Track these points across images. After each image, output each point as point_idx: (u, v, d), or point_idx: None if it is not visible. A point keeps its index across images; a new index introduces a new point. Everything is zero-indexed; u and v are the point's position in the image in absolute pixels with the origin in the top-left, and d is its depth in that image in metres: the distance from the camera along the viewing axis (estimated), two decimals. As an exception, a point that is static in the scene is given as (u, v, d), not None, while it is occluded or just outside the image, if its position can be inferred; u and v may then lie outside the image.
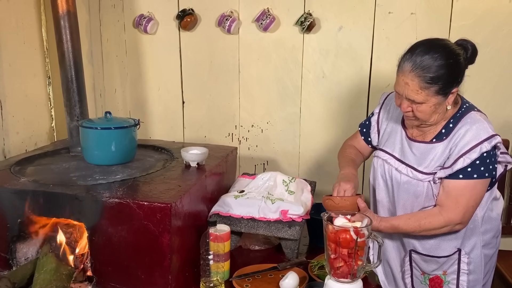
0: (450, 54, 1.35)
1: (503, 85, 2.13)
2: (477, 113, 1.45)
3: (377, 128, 1.67)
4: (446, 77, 1.34)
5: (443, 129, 1.45)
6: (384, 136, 1.63)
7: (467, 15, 2.09)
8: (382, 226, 1.45)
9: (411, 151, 1.50)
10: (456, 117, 1.44)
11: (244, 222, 1.78)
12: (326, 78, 2.31)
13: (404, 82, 1.36)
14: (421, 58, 1.33)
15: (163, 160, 2.00)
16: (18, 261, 1.70)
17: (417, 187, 1.46)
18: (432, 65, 1.32)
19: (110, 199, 1.53)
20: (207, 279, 1.55)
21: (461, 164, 1.37)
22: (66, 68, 2.03)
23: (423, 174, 1.45)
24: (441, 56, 1.33)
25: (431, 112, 1.39)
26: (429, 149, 1.46)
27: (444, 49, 1.35)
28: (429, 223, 1.41)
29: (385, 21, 2.18)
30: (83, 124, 1.87)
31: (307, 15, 2.22)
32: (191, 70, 2.49)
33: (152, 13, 2.44)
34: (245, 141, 2.51)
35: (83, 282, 1.65)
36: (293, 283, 1.55)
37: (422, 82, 1.33)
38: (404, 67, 1.36)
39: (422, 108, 1.37)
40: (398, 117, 1.60)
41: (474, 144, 1.36)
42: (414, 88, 1.34)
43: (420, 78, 1.33)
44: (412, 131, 1.54)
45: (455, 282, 1.50)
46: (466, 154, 1.37)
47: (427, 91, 1.34)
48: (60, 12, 1.99)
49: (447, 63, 1.33)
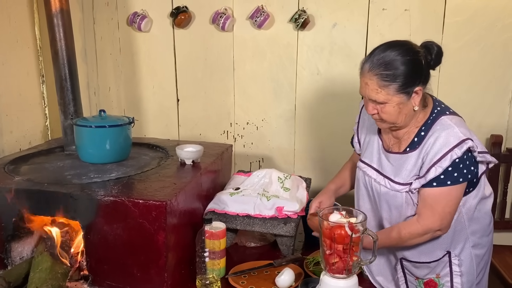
0: (407, 51, 1.33)
1: (497, 81, 2.14)
2: (448, 117, 1.41)
3: (357, 138, 1.67)
4: (405, 74, 1.32)
5: (416, 138, 1.43)
6: (363, 146, 1.62)
7: (460, 11, 2.10)
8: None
9: (388, 161, 1.49)
10: (427, 124, 1.42)
11: (239, 219, 1.78)
12: (320, 75, 2.31)
13: (364, 83, 1.36)
14: (378, 56, 1.33)
15: (158, 158, 2.00)
16: (13, 260, 1.70)
17: (396, 198, 1.45)
18: (389, 62, 1.31)
19: (105, 197, 1.52)
20: (203, 276, 1.55)
21: (433, 173, 1.35)
22: (60, 66, 2.02)
23: (400, 185, 1.43)
24: (398, 54, 1.32)
25: (396, 113, 1.36)
26: (404, 160, 1.44)
27: (401, 47, 1.34)
28: (409, 234, 1.41)
29: (379, 18, 2.18)
30: (77, 123, 1.87)
31: (301, 12, 2.22)
32: (185, 68, 2.49)
33: (146, 10, 2.43)
34: (241, 138, 2.51)
35: (79, 280, 1.65)
36: (288, 280, 1.56)
37: (380, 80, 1.32)
38: (363, 68, 1.36)
39: (386, 109, 1.36)
40: (374, 127, 1.57)
41: (444, 152, 1.34)
42: (374, 87, 1.34)
43: (377, 76, 1.32)
44: (388, 141, 1.52)
45: (449, 285, 1.50)
46: (437, 163, 1.35)
47: (386, 89, 1.32)
48: (53, 10, 1.98)
49: (405, 60, 1.32)
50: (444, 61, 2.12)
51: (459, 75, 2.17)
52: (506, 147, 2.19)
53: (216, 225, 1.65)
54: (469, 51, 2.13)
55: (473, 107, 2.17)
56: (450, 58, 2.14)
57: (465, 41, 2.12)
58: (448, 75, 2.17)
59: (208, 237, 1.57)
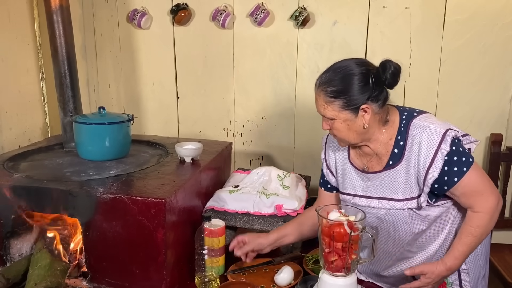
0: (353, 69, 1.34)
1: (497, 79, 2.14)
2: (418, 118, 1.39)
3: (330, 173, 1.60)
4: (349, 91, 1.32)
5: (395, 149, 1.40)
6: (339, 178, 1.57)
7: (461, 9, 2.09)
8: (453, 269, 1.38)
9: (373, 182, 1.45)
10: (401, 132, 1.39)
11: (238, 217, 1.78)
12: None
13: (315, 99, 1.39)
14: (326, 74, 1.36)
15: (157, 156, 2.00)
16: (12, 257, 1.70)
17: (398, 215, 1.42)
18: (333, 79, 1.33)
19: (104, 195, 1.52)
20: (202, 274, 1.55)
21: (432, 176, 1.34)
22: (59, 63, 2.01)
23: (400, 202, 1.41)
24: (342, 71, 1.34)
25: (345, 129, 1.37)
26: (392, 174, 1.41)
27: (347, 65, 1.35)
28: (479, 227, 1.36)
29: (379, 16, 2.18)
30: (76, 120, 1.86)
31: (302, 10, 2.21)
32: (185, 65, 2.48)
33: (145, 7, 2.43)
34: (240, 136, 2.50)
35: (78, 277, 1.65)
36: (287, 277, 1.56)
37: (326, 96, 1.34)
38: (316, 83, 1.39)
39: (335, 125, 1.37)
40: (343, 155, 1.54)
41: (433, 153, 1.33)
42: (321, 103, 1.36)
43: (323, 92, 1.34)
44: (364, 162, 1.48)
45: (458, 283, 1.49)
46: (431, 166, 1.34)
47: (332, 105, 1.34)
48: (52, 6, 1.97)
49: (349, 77, 1.32)
50: (445, 59, 2.16)
51: (459, 74, 2.16)
52: (506, 146, 2.18)
53: (215, 223, 1.65)
54: (470, 49, 2.12)
55: (473, 106, 2.17)
56: (450, 56, 2.15)
57: (465, 39, 2.12)
58: (448, 74, 2.17)
59: (207, 235, 1.57)
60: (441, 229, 1.46)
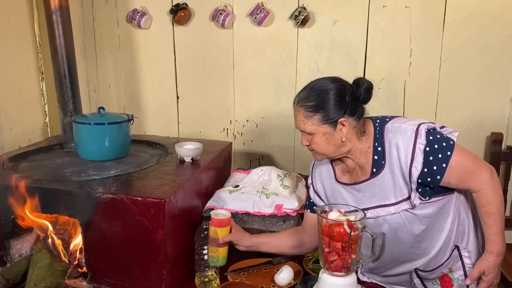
0: (328, 85, 1.40)
1: (497, 78, 2.13)
2: (390, 122, 1.43)
3: (318, 197, 1.62)
4: (327, 106, 1.37)
5: (375, 156, 1.42)
6: (330, 200, 1.58)
7: (461, 8, 2.09)
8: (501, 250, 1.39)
9: (363, 193, 1.47)
10: (377, 139, 1.42)
11: (238, 217, 1.78)
12: (320, 72, 2.31)
13: (294, 115, 1.44)
14: (304, 91, 1.42)
15: (157, 156, 1.99)
16: (12, 258, 1.70)
17: (395, 220, 1.42)
18: (311, 95, 1.40)
19: (104, 195, 1.52)
20: (202, 274, 1.55)
21: (416, 172, 1.35)
22: (59, 63, 2.02)
23: (394, 205, 1.41)
24: (319, 87, 1.40)
25: (325, 143, 1.41)
26: (379, 181, 1.42)
27: (324, 81, 1.42)
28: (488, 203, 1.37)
29: (379, 15, 2.18)
30: (76, 120, 1.86)
31: (301, 9, 2.21)
32: (185, 65, 2.48)
33: (145, 7, 2.43)
34: (240, 136, 2.50)
35: (78, 278, 1.65)
36: (287, 277, 1.56)
37: (305, 111, 1.39)
38: (294, 102, 1.44)
39: (315, 139, 1.41)
40: (329, 176, 1.57)
41: (411, 150, 1.35)
42: (301, 118, 1.41)
43: (303, 107, 1.40)
44: (350, 177, 1.51)
45: (463, 279, 1.49)
46: (412, 163, 1.35)
47: (311, 120, 1.39)
48: (52, 7, 1.97)
49: (326, 93, 1.38)
50: (445, 58, 2.15)
51: (459, 73, 2.16)
52: (507, 145, 2.18)
53: (221, 212, 1.65)
54: (470, 48, 2.12)
55: (473, 105, 2.17)
56: (450, 55, 2.14)
57: (465, 38, 2.11)
58: (449, 73, 2.16)
59: (212, 224, 1.57)
60: (442, 228, 1.46)
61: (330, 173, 1.57)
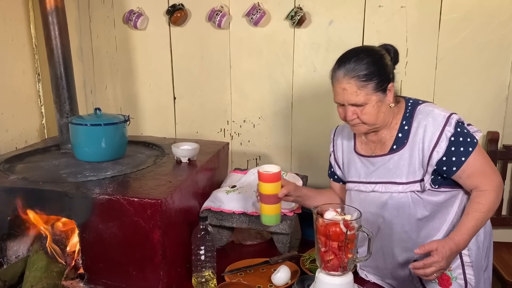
0: (373, 51, 1.41)
1: (493, 77, 2.14)
2: (423, 105, 1.46)
3: (337, 165, 1.67)
4: (378, 72, 1.38)
5: (399, 133, 1.45)
6: (345, 168, 1.63)
7: (456, 8, 2.09)
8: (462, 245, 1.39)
9: (376, 167, 1.49)
10: (407, 118, 1.45)
11: (235, 217, 1.78)
12: (317, 72, 2.31)
13: (341, 89, 1.40)
14: (349, 61, 1.38)
15: (154, 156, 1.99)
16: (8, 259, 1.69)
17: (401, 199, 1.44)
18: (361, 63, 1.37)
19: (100, 196, 1.52)
20: (199, 275, 1.55)
21: (436, 156, 1.38)
22: (55, 64, 2.01)
23: (404, 185, 1.44)
24: (366, 55, 1.38)
25: (376, 112, 1.40)
26: (396, 159, 1.45)
27: (366, 49, 1.43)
28: (488, 204, 1.39)
29: (375, 15, 2.18)
30: (72, 121, 1.86)
31: (298, 9, 2.21)
32: (182, 66, 2.48)
33: (141, 8, 2.43)
34: (237, 136, 2.50)
35: (75, 279, 1.65)
36: (285, 277, 1.56)
37: (358, 81, 1.37)
38: (337, 75, 1.40)
39: (366, 110, 1.40)
40: (349, 146, 1.61)
41: (438, 134, 1.38)
42: (353, 90, 1.37)
43: (355, 78, 1.36)
44: (368, 149, 1.53)
45: (462, 277, 1.50)
46: (436, 146, 1.38)
47: (365, 89, 1.37)
48: (48, 8, 1.97)
49: (374, 59, 1.38)
50: (441, 57, 2.16)
51: (455, 72, 2.16)
52: (503, 144, 2.19)
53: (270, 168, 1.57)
54: (466, 48, 2.13)
55: (469, 104, 2.17)
56: (446, 54, 2.15)
57: (461, 37, 2.12)
58: (445, 72, 2.17)
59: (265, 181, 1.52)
60: (444, 220, 1.47)
61: (350, 142, 1.61)
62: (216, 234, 1.82)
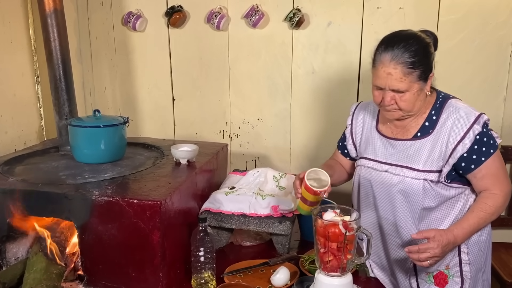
0: (421, 39, 1.40)
1: (491, 78, 2.14)
2: (454, 100, 1.48)
3: (351, 139, 1.68)
4: (424, 60, 1.37)
5: (426, 122, 1.46)
6: (361, 145, 1.64)
7: (455, 9, 2.10)
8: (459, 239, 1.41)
9: (397, 151, 1.50)
10: (436, 108, 1.46)
11: (235, 218, 1.78)
12: (316, 73, 2.31)
13: (386, 73, 1.37)
14: (398, 46, 1.35)
15: (153, 158, 2.00)
16: (8, 261, 1.69)
17: (412, 185, 1.45)
18: (409, 50, 1.35)
19: (99, 198, 1.52)
20: (198, 276, 1.55)
21: (461, 150, 1.40)
22: (54, 66, 2.01)
23: (418, 172, 1.45)
24: (415, 42, 1.37)
25: (414, 100, 1.40)
26: (418, 146, 1.46)
27: (415, 35, 1.40)
28: (495, 207, 1.42)
29: (373, 16, 2.18)
30: (71, 123, 1.86)
31: (296, 11, 2.22)
32: (180, 67, 2.49)
33: (140, 10, 2.43)
34: (236, 137, 2.51)
35: (74, 281, 1.65)
36: (284, 278, 1.56)
37: (405, 68, 1.35)
38: (383, 59, 1.37)
39: (406, 97, 1.39)
40: (371, 123, 1.62)
41: (465, 130, 1.40)
42: (398, 76, 1.35)
43: (402, 64, 1.34)
44: (390, 131, 1.54)
45: (459, 275, 1.51)
46: (461, 141, 1.40)
47: (410, 77, 1.36)
48: (47, 10, 1.97)
49: (422, 47, 1.37)
50: (439, 58, 2.15)
51: (453, 73, 2.17)
52: (501, 145, 2.19)
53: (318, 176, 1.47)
54: (464, 48, 2.13)
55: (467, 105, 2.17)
56: (444, 55, 2.15)
57: (459, 38, 2.12)
58: (443, 73, 2.16)
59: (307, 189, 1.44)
60: (447, 214, 1.49)
61: (373, 119, 1.61)
62: (216, 235, 1.82)
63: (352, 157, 1.71)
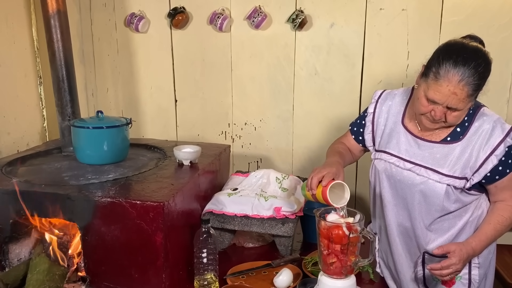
0: (486, 56, 1.34)
1: (494, 80, 2.12)
2: (487, 108, 1.45)
3: (371, 128, 1.62)
4: (484, 82, 1.33)
5: (458, 128, 1.43)
6: (383, 137, 1.57)
7: (458, 10, 2.10)
8: (477, 251, 1.42)
9: (423, 151, 1.47)
10: (469, 115, 1.42)
11: (237, 219, 1.78)
12: (318, 75, 2.31)
13: (451, 92, 1.29)
14: (469, 65, 1.28)
15: (155, 159, 1.99)
16: (10, 262, 1.69)
17: (435, 188, 1.43)
18: (479, 72, 1.29)
19: (102, 199, 1.52)
20: (201, 278, 1.55)
21: (491, 163, 1.38)
22: (57, 67, 2.01)
23: (443, 176, 1.42)
24: (483, 61, 1.31)
25: (463, 115, 1.38)
26: (446, 150, 1.43)
27: (482, 52, 1.34)
28: (509, 218, 1.42)
29: (376, 18, 2.18)
30: (74, 124, 1.86)
31: (299, 12, 2.22)
32: (183, 69, 2.49)
33: (143, 11, 2.43)
34: (239, 139, 2.50)
35: (77, 282, 1.64)
36: (287, 280, 1.56)
37: (471, 90, 1.29)
38: (451, 77, 1.29)
39: (457, 113, 1.34)
40: (397, 116, 1.55)
41: (499, 141, 1.37)
42: (462, 97, 1.29)
43: (470, 86, 1.28)
44: (417, 128, 1.50)
45: (467, 277, 1.50)
46: (493, 152, 1.37)
47: (470, 98, 1.32)
48: (50, 11, 1.97)
49: (487, 69, 1.32)
50: (442, 60, 2.15)
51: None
52: (504, 147, 2.18)
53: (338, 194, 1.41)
54: (467, 50, 2.13)
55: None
56: (447, 57, 2.15)
57: (462, 40, 2.12)
58: (446, 75, 2.17)
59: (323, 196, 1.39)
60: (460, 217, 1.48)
61: (400, 112, 1.55)
62: (218, 236, 1.82)
63: (366, 146, 1.66)
